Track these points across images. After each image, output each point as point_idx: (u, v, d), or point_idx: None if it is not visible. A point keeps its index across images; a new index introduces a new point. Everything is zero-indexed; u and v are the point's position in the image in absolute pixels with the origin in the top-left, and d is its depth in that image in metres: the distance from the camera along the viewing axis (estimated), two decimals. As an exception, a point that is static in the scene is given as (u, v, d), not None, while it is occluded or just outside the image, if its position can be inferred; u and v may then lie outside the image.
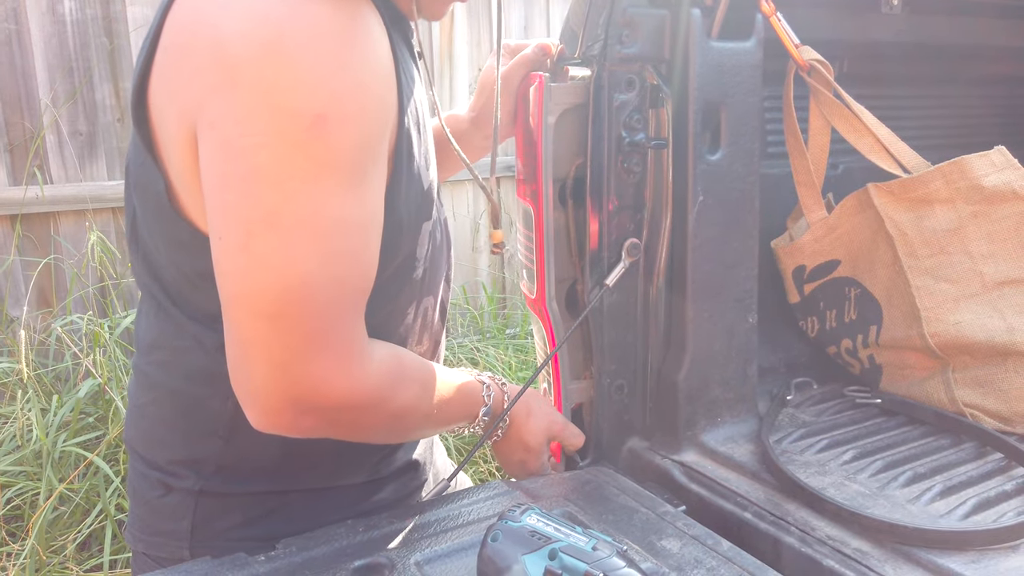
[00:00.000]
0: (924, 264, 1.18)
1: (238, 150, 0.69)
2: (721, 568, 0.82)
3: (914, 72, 1.48)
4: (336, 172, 0.71)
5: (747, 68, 1.10)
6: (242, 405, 0.78)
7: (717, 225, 1.12)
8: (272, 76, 0.68)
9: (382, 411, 0.83)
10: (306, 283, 0.72)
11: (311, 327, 0.73)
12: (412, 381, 0.87)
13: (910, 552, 0.88)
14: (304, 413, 0.77)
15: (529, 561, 0.70)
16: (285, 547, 0.86)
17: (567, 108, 1.06)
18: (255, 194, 0.70)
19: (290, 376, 0.74)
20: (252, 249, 0.71)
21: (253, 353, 0.74)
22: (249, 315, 0.73)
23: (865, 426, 1.19)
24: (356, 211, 0.74)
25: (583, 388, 1.16)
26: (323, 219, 0.72)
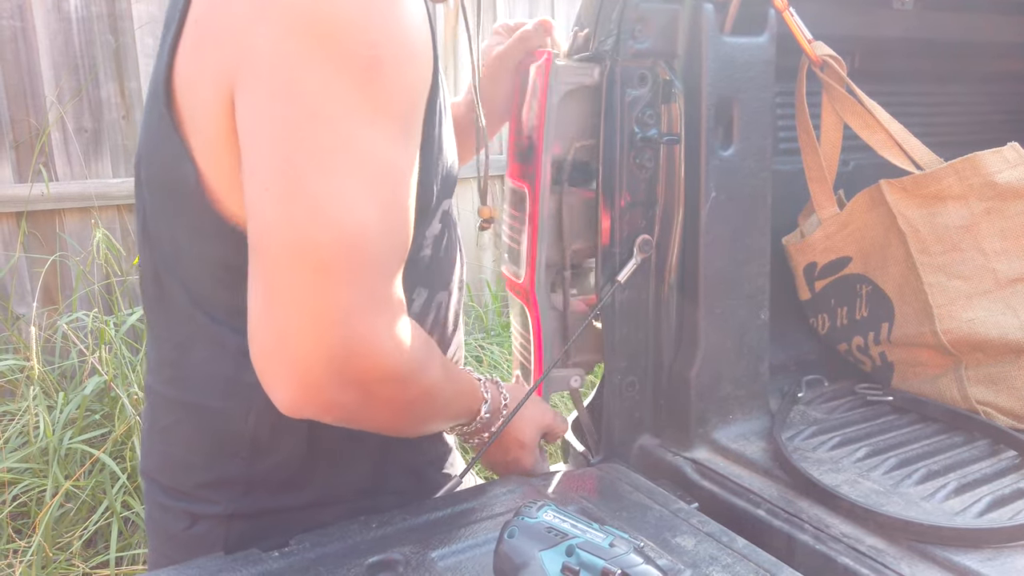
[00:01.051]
0: (937, 261, 1.18)
1: (288, 94, 0.66)
2: (737, 565, 0.82)
3: (926, 68, 1.47)
4: (390, 117, 0.68)
5: (760, 63, 1.09)
6: (267, 381, 0.71)
7: (729, 221, 1.11)
8: (323, 16, 0.65)
9: (415, 387, 0.78)
10: (364, 232, 0.67)
11: (366, 282, 0.68)
12: (437, 357, 0.83)
13: (925, 549, 0.88)
14: (347, 385, 0.71)
15: (546, 557, 0.69)
16: (299, 543, 0.86)
17: (572, 88, 1.04)
18: (308, 136, 0.65)
19: (339, 337, 0.68)
20: (304, 193, 0.65)
21: (295, 312, 0.67)
22: (296, 267, 0.66)
23: (877, 423, 1.19)
24: (407, 161, 0.71)
25: (564, 377, 1.13)
26: (380, 165, 0.68)
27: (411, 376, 0.77)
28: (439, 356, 0.84)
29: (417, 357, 0.76)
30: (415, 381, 0.78)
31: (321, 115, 0.66)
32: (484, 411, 0.94)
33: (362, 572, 0.81)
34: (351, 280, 0.67)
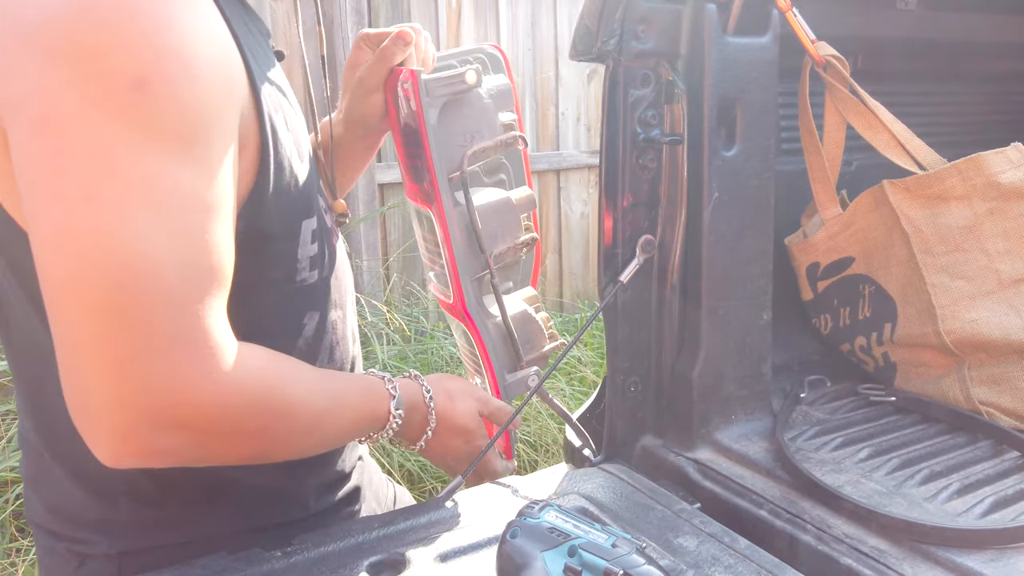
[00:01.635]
0: (940, 261, 1.18)
1: (50, 126, 0.61)
2: (739, 566, 0.82)
3: (929, 68, 1.47)
4: (166, 139, 0.63)
5: (763, 64, 1.09)
6: (83, 436, 0.65)
7: (732, 222, 1.11)
8: (83, 39, 0.60)
9: (262, 414, 0.72)
10: (148, 263, 0.62)
11: (159, 317, 0.62)
12: (296, 380, 0.77)
13: (928, 550, 0.87)
14: (166, 430, 0.65)
15: (548, 558, 0.70)
16: (301, 543, 0.86)
17: (448, 100, 0.98)
18: (73, 169, 0.60)
19: (138, 380, 0.62)
20: (76, 232, 0.60)
21: (89, 361, 0.62)
22: (79, 312, 0.61)
23: (880, 424, 1.18)
24: (199, 185, 0.64)
25: (521, 379, 1.09)
26: (158, 191, 0.62)
27: (250, 406, 0.70)
28: (298, 378, 0.78)
29: (255, 387, 0.70)
30: (260, 409, 0.72)
31: (86, 145, 0.61)
32: (395, 409, 0.88)
33: (364, 572, 0.81)
34: (143, 320, 0.62)
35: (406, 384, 0.93)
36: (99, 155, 0.61)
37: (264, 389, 0.72)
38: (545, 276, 4.29)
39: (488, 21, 3.89)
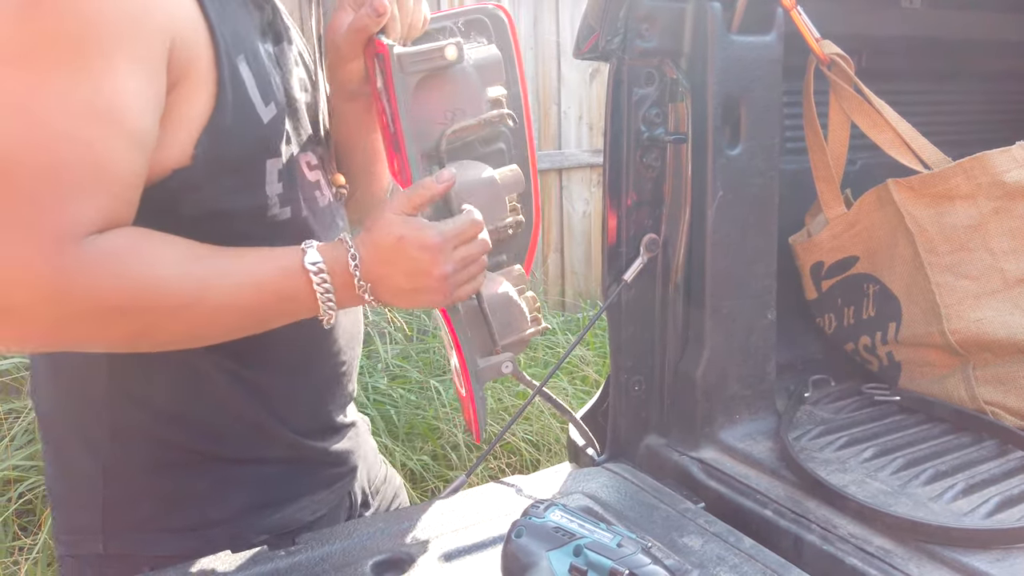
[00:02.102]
0: (944, 261, 1.17)
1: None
2: (744, 565, 0.82)
3: (934, 67, 1.47)
4: (52, 54, 0.69)
5: (767, 62, 1.09)
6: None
7: (736, 221, 1.11)
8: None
9: (117, 294, 0.73)
10: (18, 159, 0.68)
11: (8, 209, 0.68)
12: (160, 257, 0.76)
13: (934, 550, 0.87)
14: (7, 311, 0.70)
15: (554, 557, 0.69)
16: (305, 542, 0.86)
17: (424, 76, 0.92)
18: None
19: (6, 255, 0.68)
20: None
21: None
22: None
23: (884, 423, 1.18)
24: (84, 96, 0.70)
25: (494, 365, 1.01)
26: (35, 99, 0.69)
27: (98, 287, 0.72)
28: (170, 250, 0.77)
29: (102, 268, 0.72)
30: (112, 288, 0.73)
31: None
32: (311, 266, 0.80)
33: (367, 571, 0.81)
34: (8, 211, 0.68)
35: (325, 248, 0.83)
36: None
37: (115, 269, 0.73)
38: (547, 275, 4.29)
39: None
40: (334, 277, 0.81)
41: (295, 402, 0.96)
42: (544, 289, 4.22)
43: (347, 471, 1.05)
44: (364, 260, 0.82)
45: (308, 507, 0.98)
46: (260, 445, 0.93)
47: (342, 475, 1.04)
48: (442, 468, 2.72)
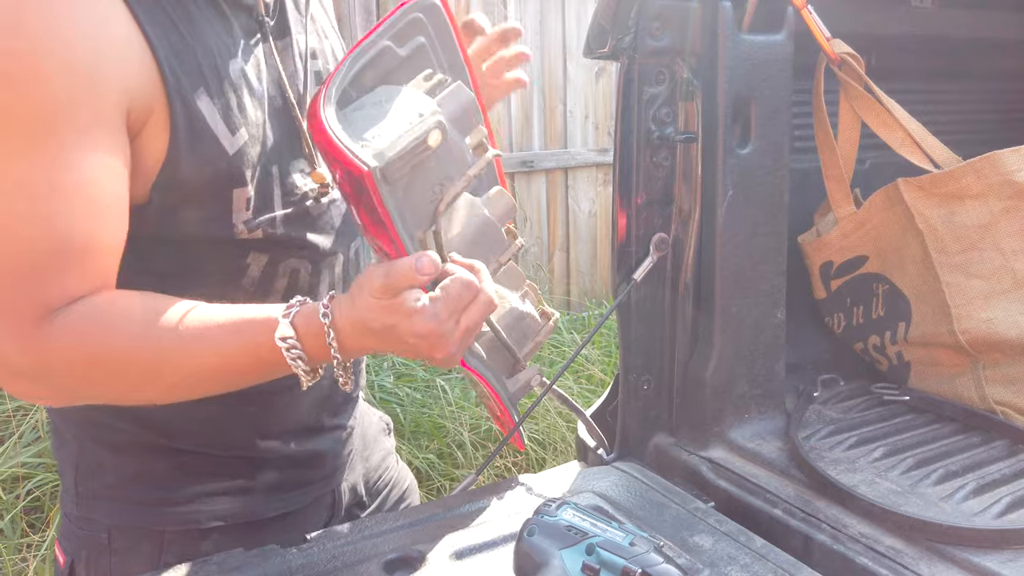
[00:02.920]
0: (955, 260, 1.17)
1: None
2: (755, 565, 0.82)
3: (944, 66, 1.47)
4: (10, 135, 0.71)
5: (778, 61, 1.09)
6: None
7: (746, 220, 1.11)
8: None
9: (83, 362, 0.76)
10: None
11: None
12: (121, 327, 0.76)
13: (945, 550, 0.87)
14: (13, 377, 0.77)
15: (566, 556, 0.70)
16: (317, 540, 0.86)
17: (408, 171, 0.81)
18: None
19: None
20: None
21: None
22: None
23: (894, 423, 1.18)
24: (48, 175, 0.72)
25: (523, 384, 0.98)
26: (4, 184, 0.71)
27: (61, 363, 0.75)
28: (135, 318, 0.77)
29: (65, 342, 0.74)
30: (79, 357, 0.76)
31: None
32: (281, 342, 0.75)
33: (379, 569, 0.81)
34: (4, 293, 0.73)
35: (301, 311, 0.77)
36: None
37: (78, 342, 0.75)
38: (552, 274, 4.29)
39: (496, 19, 3.89)
40: (308, 350, 0.76)
41: (263, 406, 0.96)
42: (550, 288, 4.22)
43: (323, 474, 1.05)
44: (348, 335, 0.76)
45: (270, 503, 1.00)
46: (218, 445, 0.96)
47: (315, 477, 1.04)
48: (448, 467, 2.72)
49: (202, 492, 0.96)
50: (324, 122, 0.73)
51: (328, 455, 1.06)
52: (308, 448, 1.03)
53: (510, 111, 4.00)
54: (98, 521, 0.95)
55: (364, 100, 0.79)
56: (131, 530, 0.94)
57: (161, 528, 0.94)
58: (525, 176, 4.11)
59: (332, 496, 1.08)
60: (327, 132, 0.73)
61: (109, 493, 0.95)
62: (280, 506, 1.00)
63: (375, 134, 0.75)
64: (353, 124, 0.76)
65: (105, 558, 0.94)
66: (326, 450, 1.05)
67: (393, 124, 0.76)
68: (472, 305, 0.77)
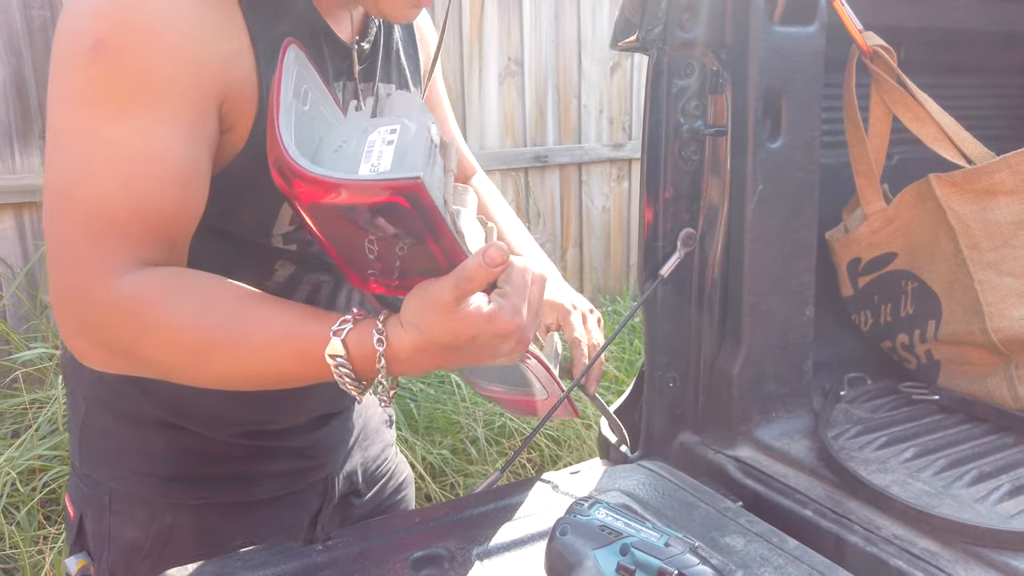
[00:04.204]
0: (987, 257, 1.15)
1: (50, 76, 0.78)
2: (789, 567, 0.80)
3: (977, 60, 1.44)
4: (109, 95, 0.75)
5: (809, 54, 1.07)
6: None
7: (776, 215, 1.09)
8: (72, 9, 0.76)
9: (131, 328, 0.76)
10: (65, 195, 0.76)
11: (66, 238, 0.76)
12: (185, 298, 0.76)
13: (981, 553, 0.85)
14: (75, 333, 0.78)
15: (600, 556, 0.68)
16: (342, 537, 0.85)
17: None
18: (49, 116, 0.77)
19: (54, 290, 0.77)
20: (49, 164, 0.77)
21: (48, 270, 0.79)
22: (44, 218, 0.79)
23: (924, 423, 1.16)
24: (135, 140, 0.75)
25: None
26: (94, 141, 0.75)
27: (121, 317, 0.76)
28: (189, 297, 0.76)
29: (132, 299, 0.75)
30: (130, 321, 0.76)
31: (53, 95, 0.77)
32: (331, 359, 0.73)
33: (406, 567, 0.80)
34: (57, 239, 0.76)
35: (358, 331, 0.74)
36: (62, 105, 0.76)
37: (136, 305, 0.76)
38: (565, 270, 4.27)
39: (511, 13, 3.87)
40: (358, 369, 0.74)
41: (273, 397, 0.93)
42: (563, 284, 4.20)
43: (320, 463, 1.08)
44: (410, 358, 0.73)
45: (262, 485, 1.03)
46: (214, 428, 0.99)
47: (312, 466, 1.07)
48: (462, 462, 2.71)
49: (196, 474, 0.99)
50: (330, 177, 0.65)
51: (329, 446, 1.08)
52: (310, 439, 1.05)
53: (524, 105, 3.98)
54: (101, 482, 0.99)
55: (320, 159, 0.71)
56: (127, 495, 0.99)
57: (152, 498, 0.98)
58: (539, 171, 4.09)
59: (325, 483, 1.11)
60: (343, 182, 0.65)
61: (109, 457, 1.00)
62: (270, 488, 1.04)
63: (374, 164, 0.68)
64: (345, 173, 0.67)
65: (106, 518, 0.99)
66: (328, 441, 1.07)
67: (378, 151, 0.70)
68: (533, 286, 0.74)
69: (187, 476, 0.99)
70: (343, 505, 1.15)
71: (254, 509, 1.02)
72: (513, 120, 3.96)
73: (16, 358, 2.53)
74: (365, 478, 1.18)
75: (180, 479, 0.99)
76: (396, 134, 0.70)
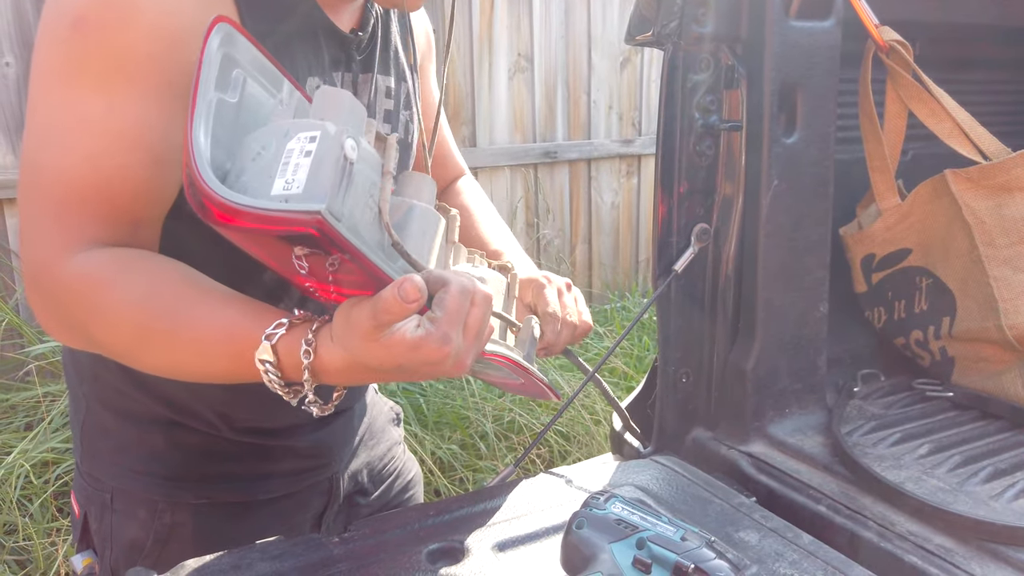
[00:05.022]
0: (1003, 254, 1.14)
1: (34, 55, 0.77)
2: (804, 562, 0.80)
3: (993, 55, 1.43)
4: (87, 72, 0.74)
5: (825, 48, 1.07)
6: None
7: (790, 211, 1.09)
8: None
9: (79, 309, 0.76)
10: (39, 168, 0.76)
11: (37, 210, 0.77)
12: (131, 282, 0.75)
13: (998, 550, 0.85)
14: (37, 302, 0.79)
15: (616, 550, 0.68)
16: (358, 529, 0.85)
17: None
18: (30, 88, 0.77)
19: (24, 259, 0.78)
20: (26, 138, 0.78)
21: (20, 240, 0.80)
22: (18, 192, 0.79)
23: (938, 420, 1.16)
24: (107, 116, 0.75)
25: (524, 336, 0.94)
26: (66, 113, 0.75)
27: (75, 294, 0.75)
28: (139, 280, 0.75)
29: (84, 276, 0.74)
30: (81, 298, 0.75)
31: (35, 70, 0.77)
32: (260, 364, 0.70)
33: (422, 559, 0.81)
34: (29, 211, 0.77)
35: (287, 337, 0.70)
36: (41, 79, 0.76)
37: (88, 283, 0.75)
38: (574, 266, 4.27)
39: (521, 9, 3.86)
40: (288, 376, 0.71)
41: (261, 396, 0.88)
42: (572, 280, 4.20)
43: (323, 462, 1.06)
44: (340, 371, 0.69)
45: (264, 485, 1.01)
46: (214, 425, 0.97)
47: (315, 465, 1.05)
48: (471, 457, 2.72)
49: (197, 473, 0.98)
50: (233, 203, 0.58)
51: (333, 445, 1.06)
52: (313, 438, 1.03)
53: (534, 101, 3.97)
54: (102, 480, 0.99)
55: (240, 165, 0.65)
56: (128, 494, 0.98)
57: (152, 497, 0.97)
58: (548, 167, 4.09)
59: (330, 483, 1.09)
60: (245, 210, 0.58)
61: (110, 456, 0.98)
62: (275, 489, 1.02)
63: (288, 181, 0.62)
64: (257, 190, 0.62)
65: (108, 516, 0.98)
66: (323, 440, 1.05)
67: (295, 163, 0.63)
68: (473, 308, 0.68)
69: (188, 475, 0.98)
70: (348, 505, 1.13)
71: (257, 509, 1.01)
72: (523, 115, 3.96)
73: (29, 351, 2.54)
74: (371, 477, 1.16)
75: (181, 478, 0.98)
76: (315, 143, 0.63)
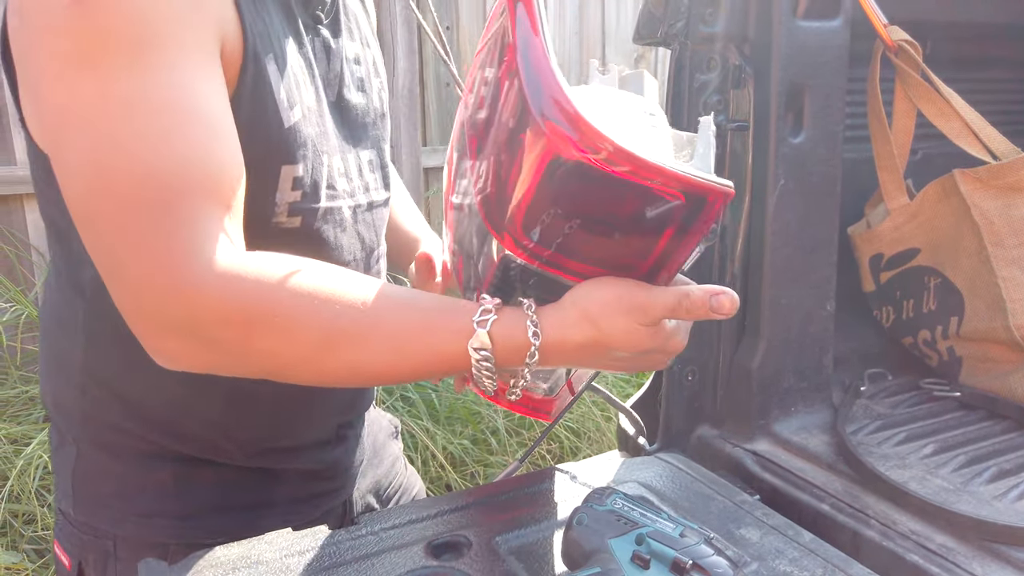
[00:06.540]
0: (1011, 254, 1.14)
1: (25, 52, 0.67)
2: (804, 559, 0.81)
3: (1003, 55, 1.42)
4: (112, 52, 0.64)
5: (833, 48, 1.07)
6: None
7: (797, 210, 1.09)
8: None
9: (243, 314, 0.66)
10: (109, 174, 0.64)
11: (123, 222, 0.64)
12: (306, 283, 0.67)
13: (999, 550, 0.85)
14: (164, 332, 0.67)
15: (616, 545, 0.69)
16: (365, 522, 0.87)
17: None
18: (44, 95, 0.66)
19: (123, 288, 0.66)
20: (63, 156, 0.66)
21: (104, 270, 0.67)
22: (85, 226, 0.66)
23: (944, 420, 1.16)
24: (154, 89, 0.65)
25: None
26: (110, 103, 0.64)
27: (248, 313, 0.66)
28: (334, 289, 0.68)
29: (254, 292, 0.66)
30: (242, 314, 0.66)
31: (43, 71, 0.65)
32: (474, 352, 0.68)
33: (426, 553, 0.82)
34: (114, 225, 0.65)
35: (504, 320, 0.68)
36: (57, 77, 0.64)
37: (237, 286, 0.66)
38: (587, 263, 4.27)
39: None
40: (500, 361, 0.68)
41: (281, 414, 0.91)
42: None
43: (335, 486, 1.01)
44: (564, 351, 0.68)
45: (277, 516, 0.93)
46: (223, 451, 0.90)
47: (327, 489, 1.00)
48: (482, 452, 2.73)
49: (207, 505, 0.91)
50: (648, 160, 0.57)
51: (341, 466, 1.01)
52: (321, 459, 0.99)
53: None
54: (102, 529, 0.90)
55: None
56: (135, 540, 0.89)
57: (163, 540, 0.89)
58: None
59: (343, 508, 1.04)
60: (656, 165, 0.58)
61: (111, 502, 0.90)
62: (287, 518, 0.92)
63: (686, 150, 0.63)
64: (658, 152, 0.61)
65: (112, 565, 0.90)
66: (339, 460, 1.01)
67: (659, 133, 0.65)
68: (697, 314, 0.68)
69: (200, 511, 0.91)
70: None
71: None
72: (536, 112, 3.96)
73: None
74: (380, 498, 1.12)
75: (193, 515, 0.90)
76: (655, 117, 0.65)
